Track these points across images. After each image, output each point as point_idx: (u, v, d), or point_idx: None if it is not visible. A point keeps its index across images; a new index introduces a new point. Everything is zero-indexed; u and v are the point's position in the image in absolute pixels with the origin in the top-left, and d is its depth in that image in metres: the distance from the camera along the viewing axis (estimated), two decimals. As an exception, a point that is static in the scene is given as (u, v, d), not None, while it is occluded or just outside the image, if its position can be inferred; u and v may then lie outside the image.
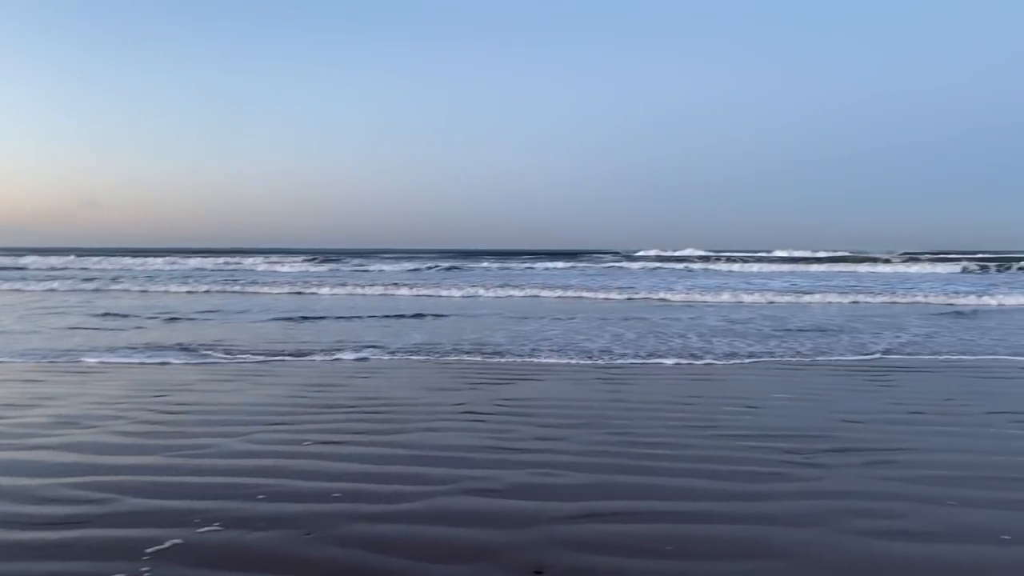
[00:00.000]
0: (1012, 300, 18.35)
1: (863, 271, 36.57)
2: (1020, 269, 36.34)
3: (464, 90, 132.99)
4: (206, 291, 23.27)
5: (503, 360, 9.37)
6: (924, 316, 15.66)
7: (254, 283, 25.51)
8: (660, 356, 9.76)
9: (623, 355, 9.82)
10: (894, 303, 18.82)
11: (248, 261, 41.71)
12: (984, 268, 37.08)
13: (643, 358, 9.62)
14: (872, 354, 9.97)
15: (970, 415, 6.48)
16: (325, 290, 22.47)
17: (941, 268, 37.27)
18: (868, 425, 6.08)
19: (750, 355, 9.82)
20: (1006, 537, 3.71)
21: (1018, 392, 7.60)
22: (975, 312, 16.33)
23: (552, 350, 10.16)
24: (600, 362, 9.30)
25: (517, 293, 21.08)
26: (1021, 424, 6.12)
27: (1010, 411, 6.61)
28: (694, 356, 9.77)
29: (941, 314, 16.00)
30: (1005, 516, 3.99)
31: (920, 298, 19.11)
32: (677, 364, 9.19)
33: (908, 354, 10.02)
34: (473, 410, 6.59)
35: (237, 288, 24.16)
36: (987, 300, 18.62)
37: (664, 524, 3.87)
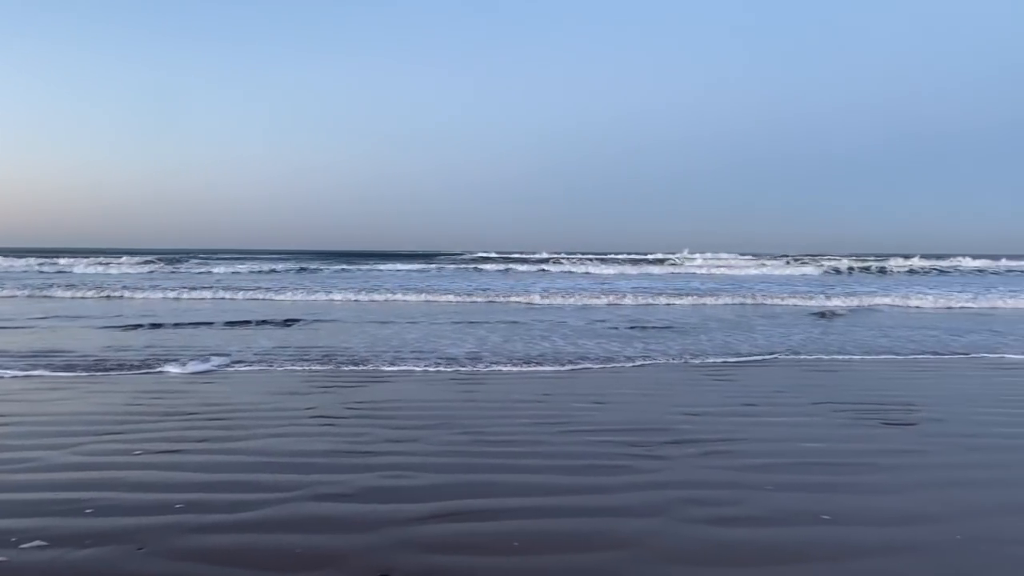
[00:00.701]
0: (855, 301, 19.60)
1: (718, 273, 38.09)
2: (880, 271, 39.34)
3: (299, 87, 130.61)
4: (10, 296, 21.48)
5: (357, 366, 9.19)
6: (770, 316, 16.68)
7: (73, 286, 23.78)
8: (521, 360, 9.89)
9: (481, 357, 9.88)
10: (743, 304, 19.89)
11: (63, 262, 37.53)
12: (849, 271, 39.73)
13: (507, 361, 9.71)
14: (716, 355, 10.52)
15: (798, 406, 6.95)
16: (158, 295, 21.20)
17: (810, 270, 39.35)
18: (706, 417, 6.40)
19: (606, 353, 10.13)
20: (826, 517, 4.01)
21: (841, 384, 8.20)
22: (830, 313, 17.26)
23: (410, 353, 10.08)
24: (461, 367, 9.31)
25: (376, 297, 20.63)
26: (842, 413, 6.62)
27: (833, 401, 7.14)
28: (558, 360, 9.96)
29: (788, 314, 17.11)
30: (825, 499, 4.30)
31: (768, 300, 20.06)
32: (533, 363, 9.35)
33: (748, 352, 10.63)
34: (323, 414, 6.43)
35: (40, 293, 22.47)
36: (839, 302, 19.73)
37: (512, 520, 3.91)
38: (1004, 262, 45.68)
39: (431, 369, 8.92)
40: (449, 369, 8.91)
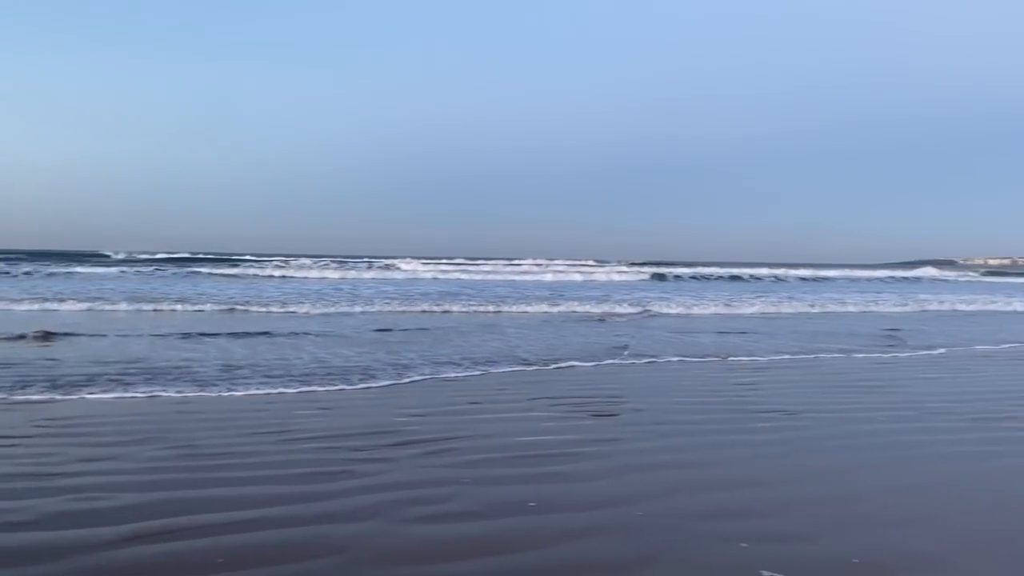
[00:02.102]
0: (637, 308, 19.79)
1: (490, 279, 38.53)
2: (676, 277, 41.79)
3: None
4: None
5: (46, 379, 8.22)
6: (513, 320, 17.30)
7: None
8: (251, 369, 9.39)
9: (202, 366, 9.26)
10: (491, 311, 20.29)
11: None
12: (676, 277, 41.68)
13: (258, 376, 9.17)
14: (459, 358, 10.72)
15: (518, 402, 7.30)
16: None
17: (629, 276, 40.90)
18: (432, 418, 6.50)
19: (345, 359, 9.93)
20: (533, 505, 4.24)
21: (561, 381, 8.72)
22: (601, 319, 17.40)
23: (118, 366, 9.19)
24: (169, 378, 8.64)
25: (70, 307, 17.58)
26: (557, 407, 7.04)
27: (549, 396, 7.57)
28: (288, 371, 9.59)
29: (529, 316, 17.86)
30: (534, 488, 4.53)
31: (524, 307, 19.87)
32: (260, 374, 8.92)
33: (486, 354, 10.95)
34: (3, 434, 5.67)
35: None
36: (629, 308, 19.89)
37: (219, 536, 3.69)
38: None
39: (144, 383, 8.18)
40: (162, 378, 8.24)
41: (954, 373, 9.91)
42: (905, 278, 48.73)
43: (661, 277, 41.57)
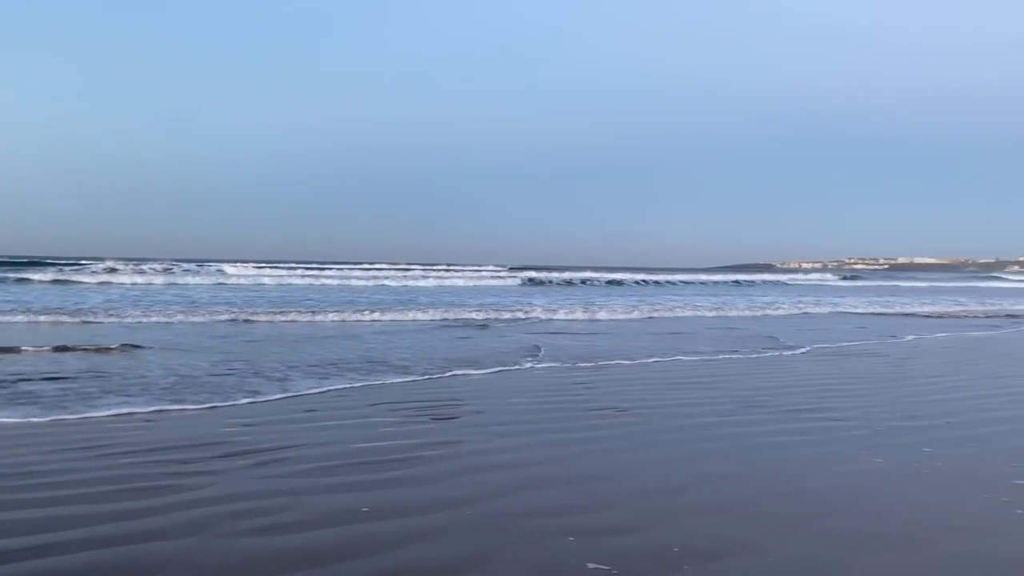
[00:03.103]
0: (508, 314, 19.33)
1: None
2: (550, 282, 42.10)
3: None
4: None
5: None
6: (365, 328, 16.92)
7: None
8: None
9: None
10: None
11: None
12: (550, 282, 41.95)
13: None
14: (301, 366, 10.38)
15: (356, 408, 7.18)
16: None
17: (509, 281, 40.96)
18: (264, 427, 6.28)
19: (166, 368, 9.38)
20: (365, 510, 4.18)
21: (399, 386, 8.63)
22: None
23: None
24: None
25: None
26: (397, 412, 6.98)
27: (389, 402, 7.49)
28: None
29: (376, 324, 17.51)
30: (369, 495, 4.47)
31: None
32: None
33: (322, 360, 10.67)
34: None
35: None
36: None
37: (21, 563, 3.39)
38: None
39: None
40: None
41: (773, 369, 10.65)
42: (750, 281, 52.26)
43: (537, 282, 42.54)
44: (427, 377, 9.16)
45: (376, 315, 18.29)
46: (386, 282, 37.49)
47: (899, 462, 5.41)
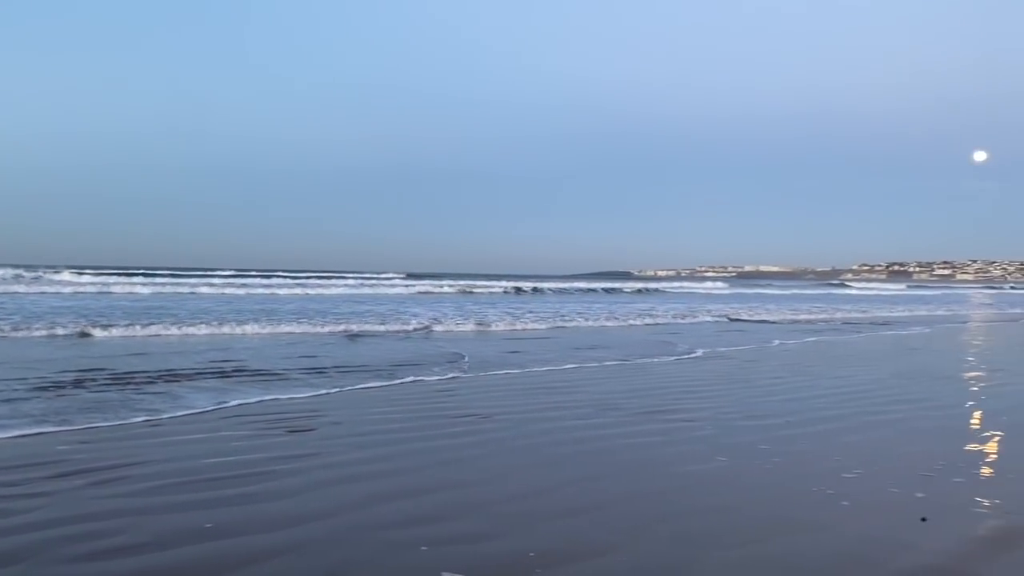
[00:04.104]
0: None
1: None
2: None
3: None
4: None
5: None
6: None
7: None
8: None
9: None
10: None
11: None
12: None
13: None
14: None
15: (206, 422, 6.85)
16: None
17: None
18: (101, 444, 5.89)
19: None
20: (209, 526, 4.00)
21: (254, 399, 8.29)
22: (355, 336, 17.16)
23: None
24: None
25: None
26: (250, 424, 6.71)
27: (241, 415, 7.19)
28: None
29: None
30: (212, 512, 4.25)
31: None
32: None
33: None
34: None
35: None
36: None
37: None
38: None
39: None
40: None
41: (632, 373, 10.99)
42: (618, 289, 53.86)
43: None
44: (287, 390, 8.86)
45: (247, 328, 17.18)
46: (260, 291, 36.22)
47: (742, 460, 5.69)
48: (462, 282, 48.89)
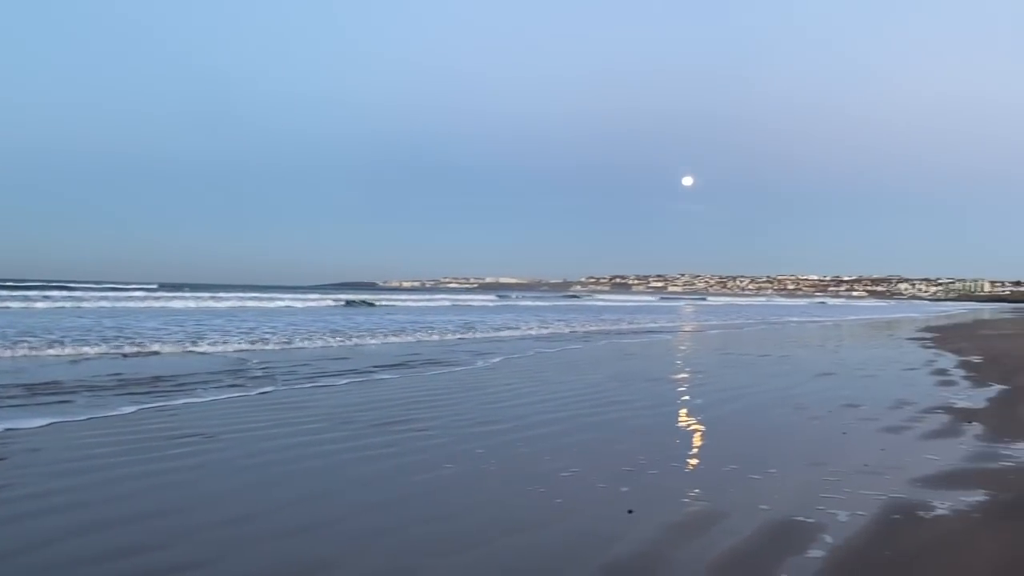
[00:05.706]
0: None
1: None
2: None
3: None
4: None
5: None
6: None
7: None
8: None
9: None
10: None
11: None
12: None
13: None
14: None
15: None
16: None
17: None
18: None
19: None
20: None
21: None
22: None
23: None
24: None
25: None
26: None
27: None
28: None
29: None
30: None
31: None
32: None
33: None
34: None
35: None
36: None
37: None
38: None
39: None
40: None
41: (371, 387, 10.88)
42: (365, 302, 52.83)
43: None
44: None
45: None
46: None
47: (468, 466, 5.86)
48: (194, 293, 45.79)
